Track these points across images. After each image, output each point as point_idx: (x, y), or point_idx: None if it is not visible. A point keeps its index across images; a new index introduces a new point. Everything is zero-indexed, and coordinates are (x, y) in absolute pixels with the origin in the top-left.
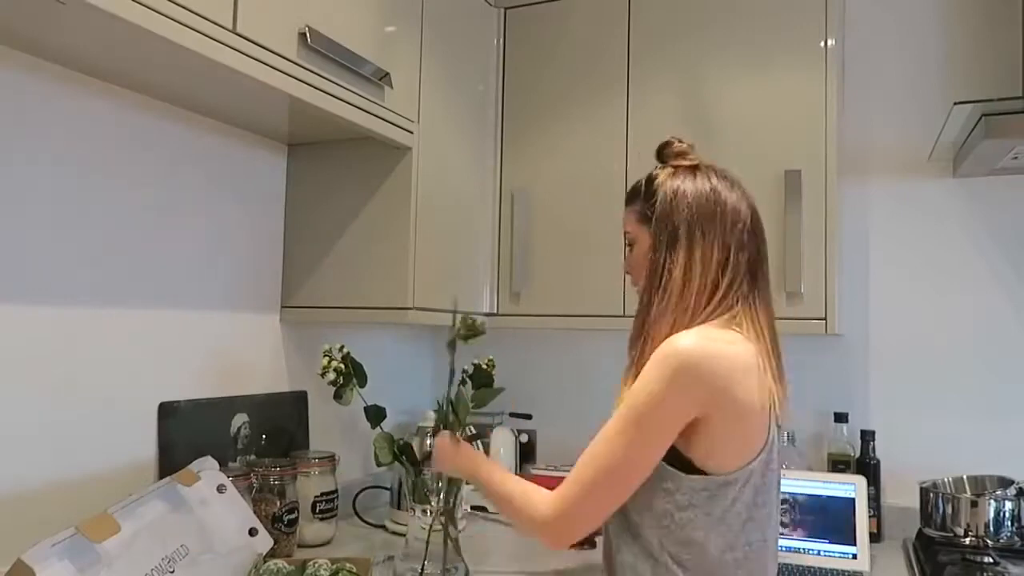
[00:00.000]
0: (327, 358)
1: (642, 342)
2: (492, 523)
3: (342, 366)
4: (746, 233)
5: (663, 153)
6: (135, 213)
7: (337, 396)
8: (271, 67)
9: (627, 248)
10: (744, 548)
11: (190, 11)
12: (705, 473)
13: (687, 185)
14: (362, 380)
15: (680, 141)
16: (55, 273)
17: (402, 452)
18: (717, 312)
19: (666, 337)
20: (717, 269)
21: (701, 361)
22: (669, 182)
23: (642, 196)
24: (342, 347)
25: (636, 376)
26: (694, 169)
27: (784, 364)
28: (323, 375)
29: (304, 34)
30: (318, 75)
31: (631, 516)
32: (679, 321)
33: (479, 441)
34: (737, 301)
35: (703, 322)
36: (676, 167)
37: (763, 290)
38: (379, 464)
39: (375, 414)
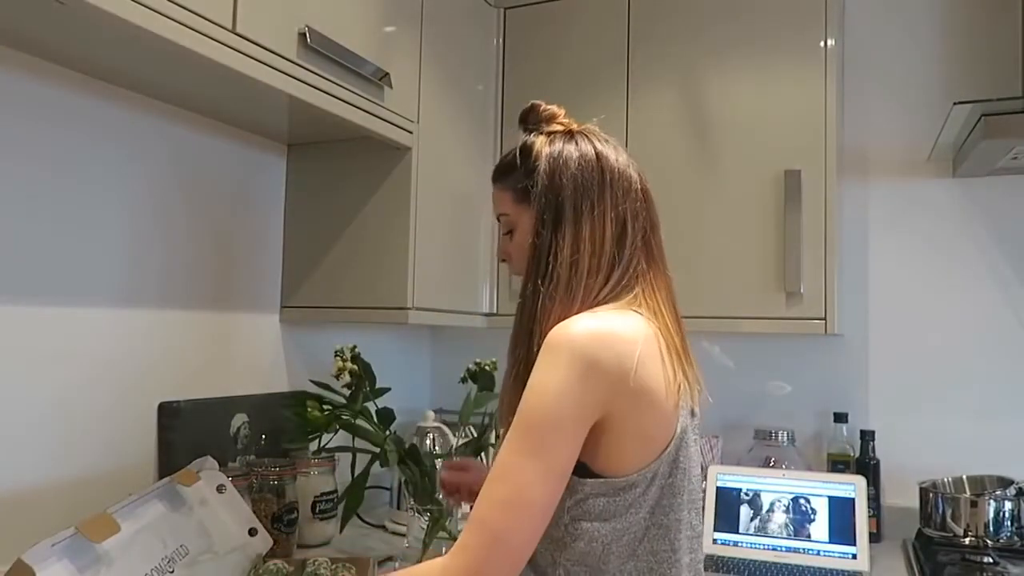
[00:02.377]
0: (339, 359)
1: (529, 339)
2: None
3: (355, 367)
4: (639, 201)
5: (529, 119)
6: (134, 213)
7: (352, 400)
8: (271, 67)
9: (506, 235)
10: (648, 558)
11: (190, 11)
12: (600, 476)
13: (569, 151)
14: (372, 380)
15: (547, 105)
16: (55, 273)
17: (408, 455)
18: (614, 294)
19: None
20: (612, 245)
21: (600, 346)
22: (547, 150)
23: (519, 170)
24: (354, 347)
25: (524, 382)
26: (570, 134)
27: (688, 342)
28: (338, 378)
29: (304, 34)
30: (318, 75)
31: None
32: (569, 311)
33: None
34: (636, 281)
35: (599, 305)
36: (550, 133)
37: (659, 261)
38: (383, 465)
39: (386, 417)
